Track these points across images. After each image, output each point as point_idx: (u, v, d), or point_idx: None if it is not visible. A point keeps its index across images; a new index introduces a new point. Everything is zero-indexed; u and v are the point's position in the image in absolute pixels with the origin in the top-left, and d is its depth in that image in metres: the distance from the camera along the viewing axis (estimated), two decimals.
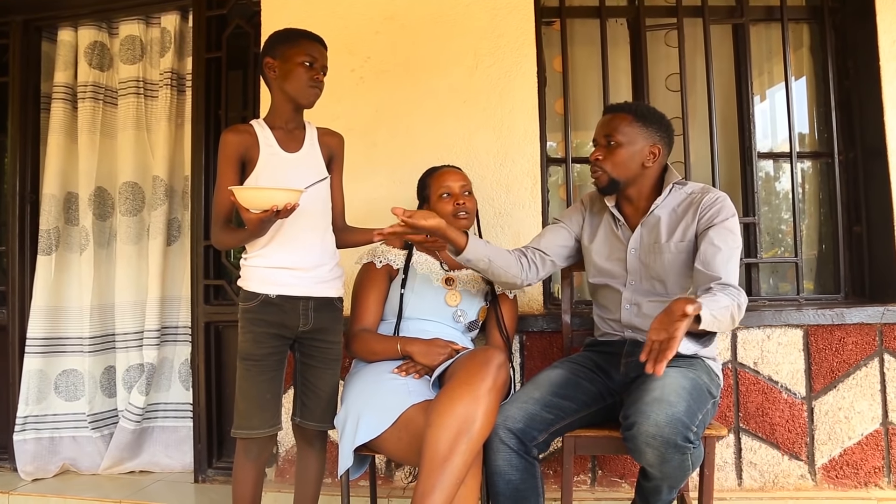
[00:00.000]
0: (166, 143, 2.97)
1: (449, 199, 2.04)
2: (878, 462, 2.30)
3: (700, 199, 1.81)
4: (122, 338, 2.95)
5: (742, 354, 2.35)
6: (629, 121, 1.83)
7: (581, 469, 2.36)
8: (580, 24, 2.75)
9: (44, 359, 2.92)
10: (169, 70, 2.95)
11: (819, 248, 2.73)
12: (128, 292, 2.96)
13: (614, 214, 1.93)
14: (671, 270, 1.82)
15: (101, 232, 3.00)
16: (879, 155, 2.47)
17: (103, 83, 3.05)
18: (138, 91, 3.00)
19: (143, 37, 3.03)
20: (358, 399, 1.77)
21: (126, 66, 3.02)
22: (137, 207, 3.00)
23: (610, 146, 1.83)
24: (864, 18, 2.50)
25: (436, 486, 1.52)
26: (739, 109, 2.70)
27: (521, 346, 2.41)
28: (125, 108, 3.00)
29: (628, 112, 1.85)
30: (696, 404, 1.57)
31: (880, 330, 2.33)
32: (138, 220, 3.00)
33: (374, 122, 2.53)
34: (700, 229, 1.78)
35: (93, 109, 3.00)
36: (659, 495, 1.76)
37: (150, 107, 3.03)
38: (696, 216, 1.80)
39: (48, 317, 2.94)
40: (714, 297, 1.57)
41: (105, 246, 3.02)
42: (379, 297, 2.03)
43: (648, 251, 1.86)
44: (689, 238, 1.80)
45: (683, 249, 1.81)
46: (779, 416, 2.32)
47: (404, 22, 2.54)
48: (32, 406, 2.88)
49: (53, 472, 2.87)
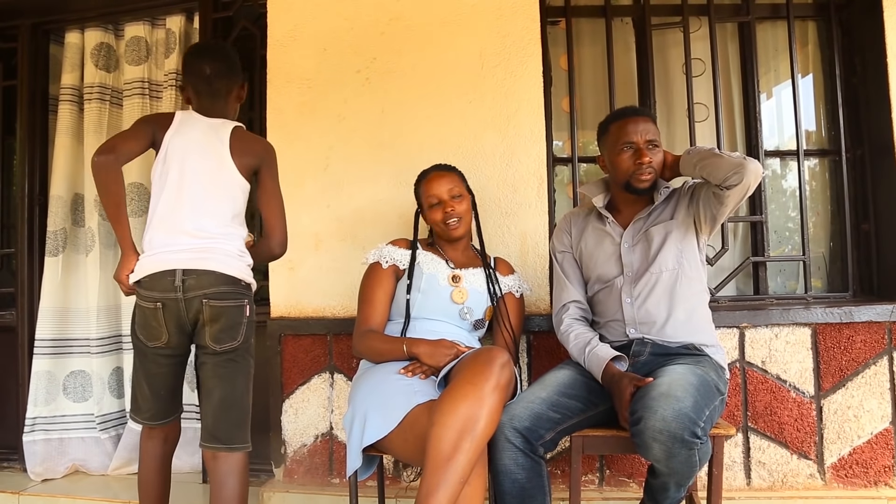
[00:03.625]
0: None
1: (438, 207, 2.05)
2: (887, 461, 2.29)
3: (686, 180, 1.95)
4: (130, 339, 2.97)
5: (750, 353, 2.34)
6: (655, 124, 1.98)
7: (589, 468, 2.36)
8: (586, 24, 2.75)
9: (52, 360, 2.94)
10: (174, 71, 2.95)
11: (827, 245, 2.72)
12: None
13: (602, 214, 1.98)
14: (665, 250, 1.88)
15: (108, 233, 3.02)
16: (887, 152, 2.45)
17: (110, 84, 3.06)
18: (143, 92, 3.01)
19: (148, 38, 3.04)
20: (364, 400, 1.78)
21: (131, 67, 3.03)
22: (143, 208, 3.00)
23: (652, 149, 1.92)
24: (871, 15, 2.49)
25: (439, 485, 1.52)
26: (746, 107, 2.70)
27: (528, 346, 2.41)
28: (130, 109, 3.00)
29: (650, 116, 2.00)
30: (703, 400, 1.58)
31: (889, 328, 2.31)
32: (143, 221, 3.00)
33: (379, 122, 2.53)
34: (688, 190, 1.94)
35: (99, 110, 3.01)
36: (667, 493, 1.76)
37: (155, 108, 3.04)
38: (682, 193, 1.95)
39: (56, 318, 2.96)
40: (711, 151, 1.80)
41: (112, 247, 3.03)
42: (385, 297, 2.03)
43: (640, 239, 1.92)
44: (687, 215, 1.91)
45: (680, 227, 1.90)
46: (787, 416, 2.31)
47: (410, 23, 2.54)
48: (41, 407, 2.90)
49: (62, 472, 2.89)
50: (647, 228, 1.92)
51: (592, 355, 1.83)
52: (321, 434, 2.51)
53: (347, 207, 2.53)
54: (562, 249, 2.08)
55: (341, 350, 2.49)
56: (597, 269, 1.98)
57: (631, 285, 1.90)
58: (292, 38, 2.60)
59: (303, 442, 2.52)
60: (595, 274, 1.99)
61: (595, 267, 1.98)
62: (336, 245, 2.53)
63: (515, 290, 2.13)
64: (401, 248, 2.08)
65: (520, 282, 2.17)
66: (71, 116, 3.04)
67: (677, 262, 1.87)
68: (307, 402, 2.52)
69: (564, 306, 2.02)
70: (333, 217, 2.54)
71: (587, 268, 2.02)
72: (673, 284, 1.86)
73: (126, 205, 1.88)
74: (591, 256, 2.00)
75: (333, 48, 2.58)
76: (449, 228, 2.03)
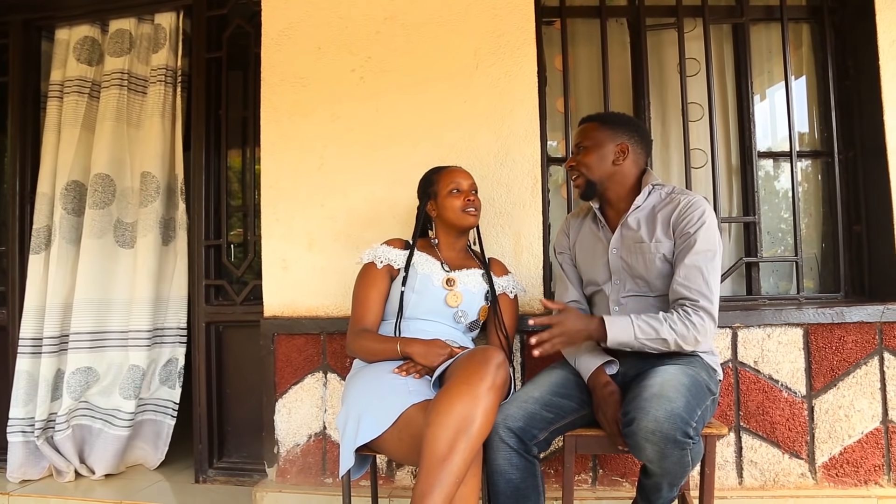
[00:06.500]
0: (159, 140, 2.93)
1: (459, 194, 2.06)
2: (878, 460, 2.31)
3: (678, 201, 1.83)
4: (81, 337, 2.89)
5: (742, 353, 2.35)
6: (595, 126, 1.94)
7: (582, 468, 2.37)
8: (581, 24, 2.75)
9: (31, 360, 2.88)
10: (163, 66, 2.92)
11: (819, 246, 2.73)
12: (96, 291, 2.91)
13: (597, 217, 1.97)
14: (652, 268, 1.83)
15: (70, 228, 2.94)
16: (879, 154, 2.47)
17: (90, 77, 3.01)
18: (122, 83, 2.96)
19: (133, 31, 3.00)
20: (359, 399, 1.77)
21: (112, 58, 2.98)
22: (106, 200, 2.94)
23: (580, 151, 1.93)
24: (864, 18, 2.51)
25: (435, 485, 1.52)
26: (739, 108, 2.71)
27: (521, 346, 2.41)
28: (107, 100, 2.96)
29: (595, 120, 1.96)
30: (694, 400, 1.58)
31: (880, 328, 2.33)
32: (106, 213, 2.95)
33: (374, 121, 2.53)
34: (678, 236, 1.80)
35: (76, 103, 2.96)
36: (659, 493, 1.77)
37: (136, 101, 3.00)
38: (674, 218, 1.81)
39: (37, 316, 2.91)
40: (650, 324, 1.70)
41: (74, 242, 2.96)
42: (379, 297, 2.03)
43: (629, 251, 1.87)
44: (669, 238, 1.82)
45: (663, 249, 1.82)
46: (779, 415, 2.33)
47: (405, 22, 2.54)
48: (20, 408, 2.85)
49: (39, 475, 2.85)
50: (633, 239, 1.87)
51: (582, 360, 1.84)
52: (314, 434, 2.50)
53: (341, 207, 2.53)
54: (560, 251, 2.10)
55: (335, 350, 2.49)
56: (589, 272, 1.98)
57: (618, 293, 1.90)
58: (287, 36, 2.60)
59: (296, 441, 2.51)
60: (587, 277, 2.00)
61: (587, 270, 1.99)
62: (330, 244, 2.53)
63: (510, 291, 2.14)
64: (396, 248, 2.08)
65: (514, 283, 2.17)
66: (58, 113, 3.01)
67: (662, 272, 1.83)
68: (300, 401, 2.51)
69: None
70: (327, 216, 2.53)
71: (581, 270, 2.02)
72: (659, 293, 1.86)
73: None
74: (585, 260, 2.00)
75: (328, 47, 2.57)
76: (468, 215, 2.05)
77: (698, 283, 1.72)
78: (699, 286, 1.72)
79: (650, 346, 1.71)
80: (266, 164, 2.59)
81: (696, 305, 1.71)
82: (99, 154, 2.93)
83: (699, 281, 1.72)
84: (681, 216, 1.80)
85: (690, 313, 1.71)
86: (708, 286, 1.72)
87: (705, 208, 1.79)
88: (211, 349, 2.82)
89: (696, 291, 1.72)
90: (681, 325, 1.70)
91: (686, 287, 1.73)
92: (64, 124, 2.98)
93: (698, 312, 1.71)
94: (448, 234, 2.11)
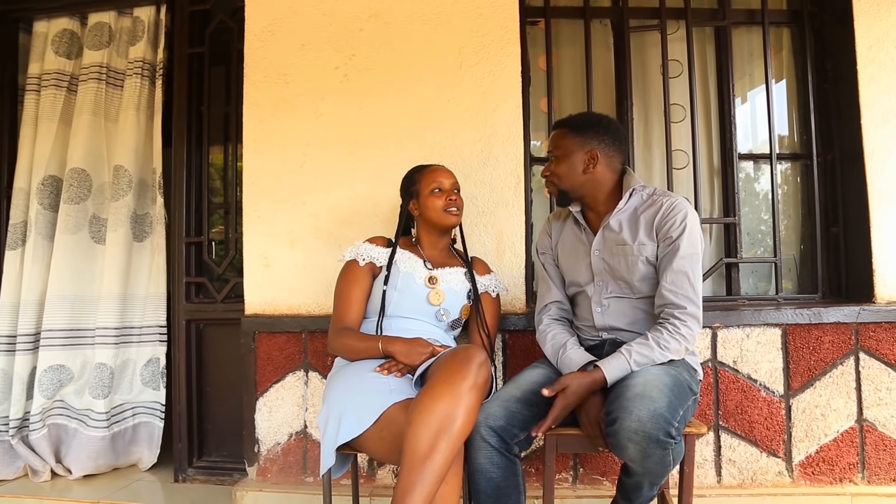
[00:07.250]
0: (133, 134, 2.89)
1: (441, 194, 2.05)
2: (853, 458, 2.34)
3: (661, 203, 1.83)
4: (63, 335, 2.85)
5: (722, 353, 2.37)
6: (564, 133, 1.93)
7: (563, 467, 2.38)
8: (565, 24, 2.76)
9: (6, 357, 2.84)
10: (140, 59, 2.89)
11: (798, 248, 2.77)
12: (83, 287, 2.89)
13: (578, 220, 1.97)
14: (634, 271, 1.84)
15: (47, 224, 2.90)
16: (856, 157, 2.50)
17: (68, 70, 2.96)
18: (100, 77, 2.92)
19: (112, 24, 2.97)
20: (339, 398, 1.76)
21: (91, 51, 2.95)
22: (82, 195, 2.90)
23: (552, 161, 1.94)
24: (843, 23, 2.54)
25: (416, 484, 1.51)
26: (721, 111, 2.73)
27: (503, 345, 2.42)
28: (84, 94, 2.92)
29: (564, 126, 1.95)
30: (677, 400, 1.59)
31: (856, 329, 2.37)
32: (81, 208, 2.91)
33: (357, 119, 2.52)
34: (661, 239, 1.81)
35: (53, 97, 2.92)
36: (640, 492, 1.78)
37: (113, 95, 2.96)
38: (657, 221, 1.81)
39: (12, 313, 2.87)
40: (643, 353, 1.71)
41: (49, 238, 2.92)
42: (361, 294, 2.02)
43: (612, 253, 1.88)
44: (652, 241, 1.82)
45: (646, 252, 1.83)
46: (757, 414, 2.35)
47: (389, 20, 2.53)
48: None
49: (14, 475, 2.81)
50: (616, 241, 1.88)
51: (565, 359, 1.84)
52: (295, 432, 2.49)
53: (324, 205, 2.51)
54: (543, 251, 2.10)
55: (316, 348, 2.48)
56: (571, 273, 1.99)
57: (600, 294, 1.91)
58: (270, 32, 2.58)
59: (276, 440, 2.49)
60: (570, 278, 2.00)
61: (570, 271, 1.99)
62: (312, 242, 2.51)
63: (492, 289, 2.14)
64: (378, 245, 2.07)
65: (496, 282, 2.17)
66: (35, 106, 2.96)
67: (649, 288, 1.85)
68: (281, 400, 2.50)
69: (546, 306, 2.03)
70: (309, 214, 2.52)
71: (563, 271, 2.03)
72: (641, 295, 1.87)
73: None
74: (567, 261, 2.01)
75: (312, 44, 2.56)
76: (450, 215, 2.04)
77: (685, 289, 1.75)
78: (686, 291, 1.75)
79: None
80: (248, 161, 2.57)
81: (684, 313, 1.74)
82: (75, 148, 2.89)
83: (686, 286, 1.75)
84: (664, 219, 1.80)
85: (679, 326, 1.73)
86: (694, 290, 1.76)
87: (688, 210, 1.80)
88: (191, 347, 2.79)
89: (683, 297, 1.74)
90: (673, 342, 1.73)
91: (674, 293, 1.75)
92: (41, 118, 2.93)
93: (686, 323, 1.73)
94: (430, 233, 2.11)
